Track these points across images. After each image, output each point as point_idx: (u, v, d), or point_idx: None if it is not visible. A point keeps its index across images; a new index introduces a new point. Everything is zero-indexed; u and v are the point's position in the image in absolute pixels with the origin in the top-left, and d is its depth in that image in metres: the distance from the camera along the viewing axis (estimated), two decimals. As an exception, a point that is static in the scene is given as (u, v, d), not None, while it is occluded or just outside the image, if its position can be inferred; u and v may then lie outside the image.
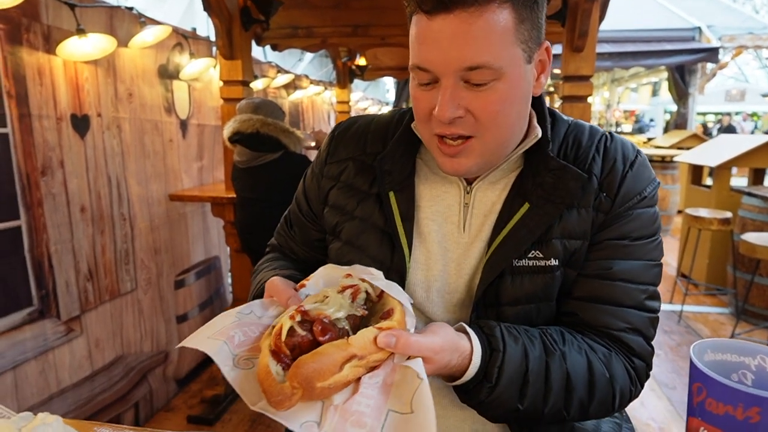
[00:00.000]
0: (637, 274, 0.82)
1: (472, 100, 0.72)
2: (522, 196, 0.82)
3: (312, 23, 3.72)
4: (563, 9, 2.79)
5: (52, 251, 2.07)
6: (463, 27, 0.68)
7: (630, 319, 0.81)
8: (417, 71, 0.75)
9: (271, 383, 0.58)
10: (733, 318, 3.93)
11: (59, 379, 2.11)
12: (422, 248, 0.86)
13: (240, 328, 0.68)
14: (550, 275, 0.80)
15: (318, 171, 0.97)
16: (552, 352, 0.76)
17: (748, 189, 4.18)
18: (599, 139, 0.85)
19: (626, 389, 0.80)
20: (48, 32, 2.03)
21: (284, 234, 1.06)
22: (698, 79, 9.30)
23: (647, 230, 0.84)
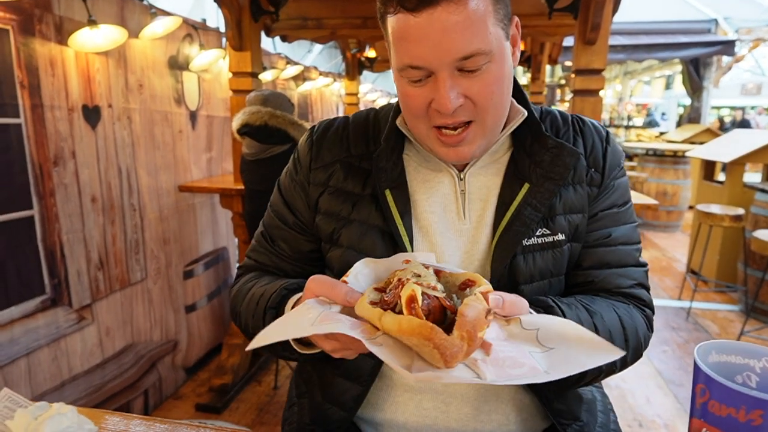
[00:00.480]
0: (629, 236, 0.91)
1: (470, 87, 0.74)
2: (520, 177, 0.85)
3: (322, 14, 3.71)
4: (576, 1, 2.75)
5: (64, 241, 2.10)
6: (451, 18, 0.69)
7: (634, 276, 0.90)
8: (408, 70, 0.74)
9: (442, 338, 0.55)
10: (743, 315, 3.90)
11: (71, 366, 2.15)
12: (425, 242, 0.86)
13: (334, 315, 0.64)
14: (559, 250, 0.85)
15: (302, 178, 0.93)
16: (593, 312, 0.82)
17: (761, 185, 4.13)
18: (572, 121, 0.92)
19: (647, 335, 0.89)
20: (60, 23, 2.05)
21: (265, 252, 0.98)
22: (713, 73, 9.15)
23: (627, 196, 0.93)
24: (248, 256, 1.01)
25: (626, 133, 11.65)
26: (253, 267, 0.99)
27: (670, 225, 6.92)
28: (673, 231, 6.92)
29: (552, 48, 5.36)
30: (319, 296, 0.69)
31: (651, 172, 6.89)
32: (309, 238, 0.94)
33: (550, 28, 3.70)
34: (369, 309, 0.62)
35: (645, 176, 6.72)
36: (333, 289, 0.67)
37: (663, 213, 6.84)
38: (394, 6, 0.72)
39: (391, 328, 0.58)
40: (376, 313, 0.60)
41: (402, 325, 0.57)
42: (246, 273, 0.99)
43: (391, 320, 0.58)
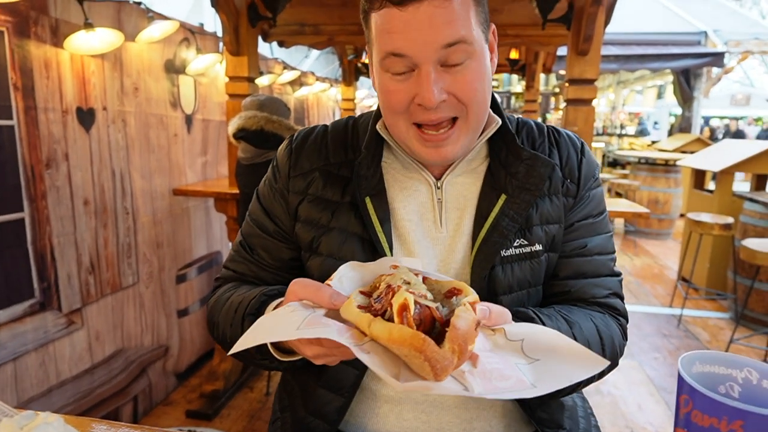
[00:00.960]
0: (604, 246, 0.93)
1: (453, 82, 0.75)
2: (497, 188, 0.86)
3: (319, 21, 3.73)
4: (569, 13, 2.79)
5: (54, 244, 2.09)
6: (437, 11, 0.71)
7: (609, 285, 0.92)
8: (392, 59, 0.75)
9: (433, 349, 0.54)
10: (733, 323, 3.93)
11: (59, 371, 2.14)
12: (403, 249, 0.87)
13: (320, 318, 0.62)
14: (537, 260, 0.86)
15: (281, 186, 0.92)
16: (572, 322, 0.83)
17: (750, 195, 4.17)
18: (548, 132, 0.93)
19: (622, 344, 0.91)
20: (56, 25, 2.05)
21: (244, 261, 0.96)
22: (703, 83, 9.26)
23: (602, 206, 0.94)
24: (226, 266, 0.99)
25: (619, 141, 11.74)
26: (232, 277, 0.98)
27: (661, 233, 6.97)
28: (664, 239, 6.97)
29: (546, 57, 5.41)
30: (302, 299, 0.68)
31: (643, 180, 6.95)
32: (290, 246, 0.94)
33: (544, 38, 3.74)
34: (357, 314, 0.61)
35: (637, 184, 6.77)
36: (318, 292, 0.67)
37: (655, 221, 6.89)
38: (380, 2, 0.73)
39: (381, 336, 0.57)
40: (364, 319, 0.59)
41: (393, 334, 0.56)
42: (224, 284, 0.98)
43: (381, 328, 0.57)
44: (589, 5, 2.56)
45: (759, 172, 4.74)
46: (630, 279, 5.23)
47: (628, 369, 3.29)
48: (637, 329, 3.95)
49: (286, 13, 3.04)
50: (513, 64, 5.41)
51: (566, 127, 2.90)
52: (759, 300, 3.87)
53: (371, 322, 0.59)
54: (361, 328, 0.60)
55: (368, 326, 0.59)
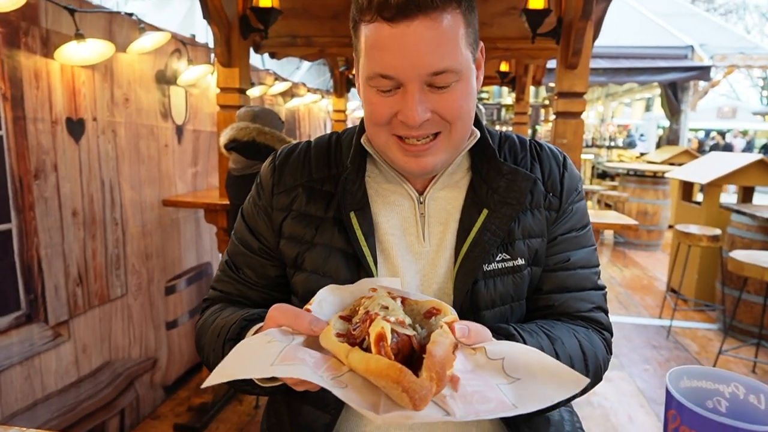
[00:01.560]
0: (588, 260, 0.93)
1: (437, 102, 0.75)
2: (479, 203, 0.86)
3: (311, 33, 3.75)
4: (558, 27, 2.83)
5: (42, 255, 2.06)
6: (426, 33, 0.71)
7: (593, 299, 0.92)
8: (379, 79, 0.75)
9: (410, 380, 0.54)
10: (721, 334, 3.96)
11: (44, 384, 2.10)
12: (387, 264, 0.86)
13: (296, 350, 0.61)
14: (519, 275, 0.86)
15: (265, 204, 0.92)
16: (554, 339, 0.82)
17: (737, 206, 4.23)
18: (529, 146, 0.94)
19: (606, 358, 0.90)
20: (47, 36, 2.04)
21: (230, 280, 0.95)
22: (690, 96, 9.41)
23: (585, 219, 0.94)
24: (213, 287, 0.98)
25: (608, 153, 11.87)
26: (219, 298, 0.97)
27: (651, 244, 7.03)
28: (653, 250, 7.03)
29: (536, 70, 5.47)
30: (281, 326, 0.67)
31: (632, 192, 7.02)
32: (275, 263, 0.93)
33: (533, 51, 3.78)
34: (335, 343, 0.61)
35: (626, 196, 6.84)
36: (296, 319, 0.66)
37: (644, 232, 6.95)
38: (371, 15, 0.73)
39: (358, 367, 0.57)
40: (342, 349, 0.59)
41: (370, 366, 0.56)
42: (212, 305, 0.97)
43: (358, 359, 0.57)
44: (578, 20, 2.60)
45: (745, 185, 4.81)
46: (620, 290, 5.26)
47: (618, 381, 3.29)
48: (627, 341, 3.96)
49: (277, 25, 3.05)
50: (503, 77, 5.47)
51: (556, 139, 2.93)
52: (747, 311, 3.91)
53: (349, 352, 0.59)
54: (340, 358, 0.60)
55: (346, 357, 0.59)
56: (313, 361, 0.60)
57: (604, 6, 2.99)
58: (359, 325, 0.62)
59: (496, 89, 13.01)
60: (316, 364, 0.60)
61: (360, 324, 0.62)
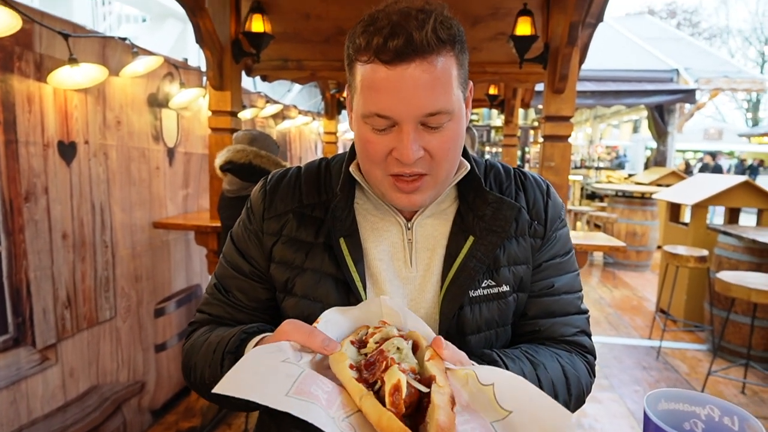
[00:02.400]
0: (571, 285, 0.95)
1: (430, 141, 0.78)
2: (465, 230, 0.88)
3: (302, 56, 3.81)
4: (545, 53, 2.90)
5: (31, 278, 2.05)
6: (423, 76, 0.73)
7: (577, 324, 0.94)
8: (375, 119, 0.77)
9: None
10: (711, 355, 3.98)
11: (30, 409, 2.07)
12: (375, 289, 0.87)
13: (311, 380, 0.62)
14: (504, 301, 0.88)
15: (255, 228, 0.93)
16: (537, 364, 0.84)
17: (723, 227, 4.29)
18: (514, 175, 0.97)
19: (589, 383, 0.92)
20: (40, 61, 2.06)
21: (220, 303, 0.95)
22: (677, 119, 9.60)
23: (568, 246, 0.97)
24: (200, 310, 0.98)
25: (597, 174, 12.01)
26: (207, 321, 0.96)
27: (640, 264, 7.08)
28: (643, 270, 7.08)
29: (524, 93, 5.57)
30: (292, 340, 0.68)
31: (620, 213, 7.09)
32: (266, 286, 0.93)
33: (521, 75, 3.87)
34: (349, 379, 0.62)
35: (615, 217, 6.91)
36: (310, 336, 0.67)
37: (633, 253, 7.01)
38: (368, 56, 0.75)
39: (370, 416, 0.59)
40: (357, 390, 0.61)
41: (382, 422, 0.57)
42: (199, 328, 0.96)
43: (371, 408, 0.59)
44: (564, 46, 2.67)
45: (732, 206, 4.89)
46: (609, 311, 5.28)
47: (608, 402, 3.29)
48: (617, 361, 3.97)
49: (269, 49, 3.10)
50: (492, 100, 5.56)
51: (544, 161, 2.98)
52: (735, 332, 3.94)
53: (362, 396, 0.60)
54: (352, 396, 0.62)
55: (359, 399, 0.61)
56: (326, 397, 0.60)
57: (590, 32, 3.08)
58: (374, 365, 0.63)
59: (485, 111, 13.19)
60: (329, 400, 0.60)
61: (375, 362, 0.64)
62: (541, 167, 3.02)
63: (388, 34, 0.72)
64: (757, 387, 3.55)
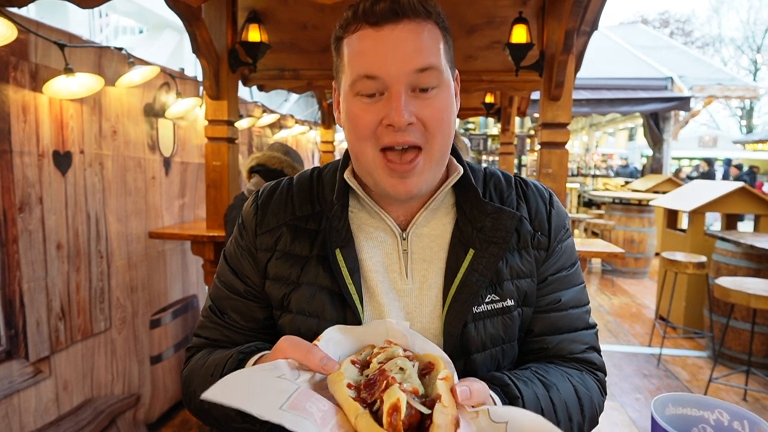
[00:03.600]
0: (578, 299, 0.91)
1: (421, 108, 0.76)
2: (465, 243, 0.85)
3: (299, 66, 3.81)
4: (540, 60, 2.90)
5: (24, 289, 2.02)
6: (412, 35, 0.75)
7: (586, 340, 0.90)
8: (363, 81, 0.76)
9: None
10: (711, 361, 3.96)
11: (23, 423, 2.03)
12: (372, 302, 0.84)
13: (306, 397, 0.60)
14: (509, 316, 0.85)
15: (248, 244, 0.90)
16: (549, 386, 0.81)
17: (721, 234, 4.29)
18: (515, 184, 0.93)
19: (601, 401, 0.89)
20: (36, 70, 2.06)
21: (215, 326, 0.92)
22: (672, 126, 9.65)
23: (573, 257, 0.93)
24: (197, 334, 0.95)
25: (593, 181, 12.05)
26: (204, 345, 0.93)
27: (638, 272, 7.07)
28: (641, 277, 7.07)
29: (521, 101, 5.59)
30: (290, 358, 0.65)
31: (618, 220, 7.10)
32: (262, 305, 0.90)
33: (518, 83, 3.88)
34: (346, 398, 0.60)
35: (612, 224, 6.91)
36: (308, 354, 0.65)
37: (631, 260, 7.00)
38: (356, 24, 0.76)
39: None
40: (353, 409, 0.58)
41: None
42: (197, 352, 0.93)
43: (366, 428, 0.56)
44: (560, 53, 2.68)
45: (729, 212, 4.89)
46: (609, 318, 5.26)
47: (610, 411, 3.26)
48: (617, 369, 3.94)
49: (266, 59, 3.11)
50: (488, 108, 5.58)
51: (541, 168, 2.98)
52: (735, 338, 3.92)
53: (358, 415, 0.58)
54: (348, 416, 0.59)
55: (354, 417, 0.58)
56: (321, 416, 0.58)
57: (585, 40, 3.09)
58: (374, 384, 0.61)
59: (482, 120, 13.25)
60: (324, 419, 0.58)
61: (375, 381, 0.61)
62: (538, 174, 3.02)
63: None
64: (759, 394, 3.53)
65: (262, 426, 0.75)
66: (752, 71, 26.01)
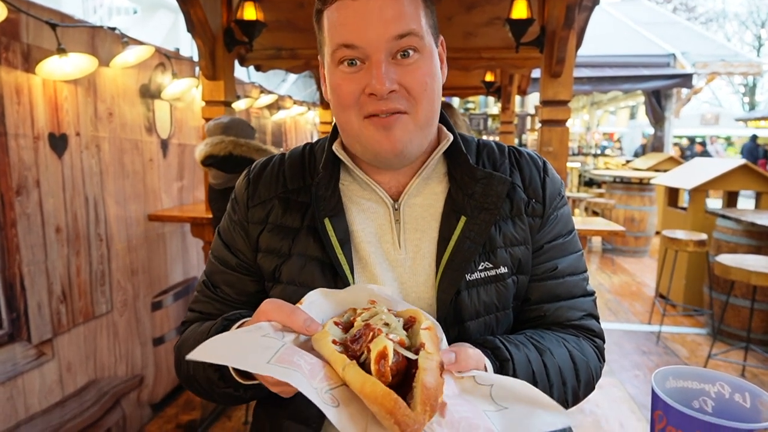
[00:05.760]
0: (575, 266, 0.91)
1: (403, 75, 0.76)
2: (456, 211, 0.84)
3: (296, 45, 3.76)
4: (541, 36, 2.86)
5: (24, 272, 2.02)
6: (388, 2, 0.74)
7: (583, 307, 0.90)
8: (343, 50, 0.76)
9: (405, 413, 0.53)
10: (710, 338, 3.98)
11: (28, 405, 2.05)
12: (365, 272, 0.84)
13: (293, 351, 0.59)
14: (503, 283, 0.84)
15: (240, 218, 0.91)
16: (543, 350, 0.81)
17: (722, 211, 4.28)
18: (508, 153, 0.93)
19: (598, 367, 0.89)
20: (28, 51, 2.02)
21: (208, 300, 0.93)
22: (674, 104, 9.57)
23: (570, 225, 0.92)
24: (191, 309, 0.96)
25: (594, 161, 11.99)
26: (197, 318, 0.94)
27: (638, 250, 7.08)
28: (641, 256, 7.08)
29: (521, 79, 5.53)
30: (273, 320, 0.65)
31: (619, 199, 7.08)
32: (254, 279, 0.91)
33: (518, 61, 3.83)
34: (332, 351, 0.59)
35: (613, 203, 6.90)
36: (291, 315, 0.64)
37: (631, 238, 7.00)
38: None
39: (353, 384, 0.55)
40: (339, 360, 0.58)
41: (365, 389, 0.54)
42: (190, 326, 0.94)
43: (354, 376, 0.56)
44: (561, 29, 2.63)
45: (730, 189, 4.87)
46: (609, 297, 5.28)
47: (609, 387, 3.29)
48: (617, 347, 3.97)
49: (262, 38, 3.06)
50: (488, 86, 5.52)
51: (542, 147, 2.95)
52: (734, 315, 3.94)
53: (345, 365, 0.57)
54: (335, 368, 0.58)
55: (342, 369, 0.57)
56: (309, 368, 0.57)
57: (586, 15, 3.04)
58: (360, 338, 0.60)
59: (482, 99, 13.13)
60: (312, 371, 0.57)
61: (361, 337, 0.60)
62: (539, 152, 2.99)
63: None
64: (757, 369, 3.56)
65: (245, 392, 0.76)
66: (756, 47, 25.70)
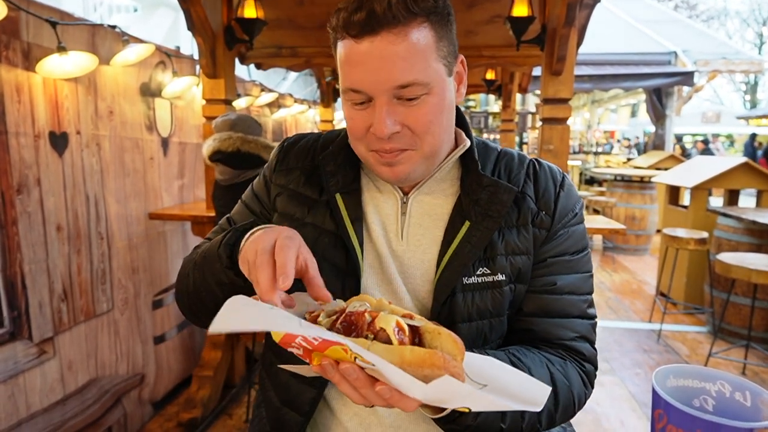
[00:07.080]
0: (578, 287, 0.89)
1: (407, 115, 0.76)
2: (462, 215, 0.86)
3: (296, 43, 3.75)
4: (542, 34, 2.85)
5: (25, 271, 2.02)
6: (390, 48, 0.72)
7: (578, 328, 0.88)
8: (350, 93, 0.78)
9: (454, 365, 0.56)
10: (711, 337, 3.98)
11: (29, 403, 2.05)
12: (373, 252, 0.87)
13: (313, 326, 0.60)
14: (499, 290, 0.84)
15: (267, 177, 0.98)
16: (521, 368, 0.79)
17: (723, 209, 4.27)
18: (528, 164, 0.92)
19: (582, 393, 0.86)
20: (28, 49, 2.02)
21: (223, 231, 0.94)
22: (675, 102, 9.54)
23: (581, 244, 0.91)
24: (207, 237, 1.02)
25: (595, 159, 11.98)
26: None
27: (639, 248, 7.08)
28: (642, 254, 7.08)
29: (522, 77, 5.52)
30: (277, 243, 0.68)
31: (619, 197, 7.07)
32: None
33: (519, 59, 3.82)
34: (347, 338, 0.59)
35: (614, 201, 6.89)
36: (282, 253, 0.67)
37: (632, 237, 7.00)
38: (340, 33, 0.76)
39: (391, 358, 0.56)
40: (359, 341, 0.59)
41: (405, 357, 0.56)
42: None
43: (387, 349, 0.57)
44: (561, 27, 2.63)
45: (731, 187, 4.87)
46: (609, 295, 5.28)
47: (610, 385, 3.29)
48: (618, 345, 3.97)
49: (263, 36, 3.05)
50: (489, 85, 5.51)
51: (542, 145, 2.95)
52: (735, 313, 3.94)
53: (370, 345, 0.58)
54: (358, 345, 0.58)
55: (368, 346, 0.58)
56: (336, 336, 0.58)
57: (587, 13, 3.03)
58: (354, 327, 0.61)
59: (482, 97, 13.12)
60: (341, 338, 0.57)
61: (354, 325, 0.62)
62: (539, 151, 2.99)
63: (353, 8, 0.73)
64: (758, 368, 3.56)
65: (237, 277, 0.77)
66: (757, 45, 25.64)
